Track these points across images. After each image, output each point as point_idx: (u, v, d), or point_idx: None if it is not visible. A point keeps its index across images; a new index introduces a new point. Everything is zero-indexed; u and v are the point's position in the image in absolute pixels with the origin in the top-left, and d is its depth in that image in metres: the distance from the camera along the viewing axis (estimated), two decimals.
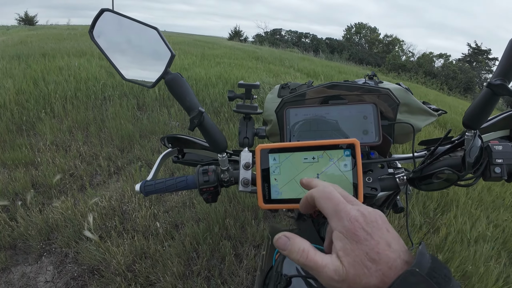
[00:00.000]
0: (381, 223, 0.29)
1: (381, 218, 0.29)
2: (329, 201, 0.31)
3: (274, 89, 0.97)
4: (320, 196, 0.32)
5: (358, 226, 0.28)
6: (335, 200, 0.30)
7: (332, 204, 0.30)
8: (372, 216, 0.29)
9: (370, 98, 0.67)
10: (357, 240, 0.28)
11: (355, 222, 0.28)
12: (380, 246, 0.27)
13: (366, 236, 0.27)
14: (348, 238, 0.28)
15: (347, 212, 0.29)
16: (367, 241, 0.27)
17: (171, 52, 0.53)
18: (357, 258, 0.27)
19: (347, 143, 0.46)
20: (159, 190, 0.63)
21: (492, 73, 0.51)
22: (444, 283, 0.25)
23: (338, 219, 0.29)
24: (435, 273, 0.25)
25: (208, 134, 0.57)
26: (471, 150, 0.55)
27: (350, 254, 0.28)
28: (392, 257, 0.27)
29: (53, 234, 1.96)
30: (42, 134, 3.09)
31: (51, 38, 9.37)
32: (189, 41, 13.27)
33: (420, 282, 0.25)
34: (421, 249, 0.27)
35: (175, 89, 0.53)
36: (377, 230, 0.28)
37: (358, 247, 0.27)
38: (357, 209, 0.29)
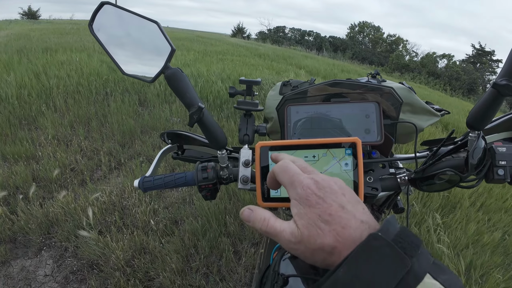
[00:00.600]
0: (337, 188, 0.30)
1: (336, 184, 0.30)
2: (285, 173, 0.32)
3: (275, 86, 0.96)
4: (278, 170, 0.34)
5: (310, 192, 0.29)
6: (290, 171, 0.32)
7: (288, 176, 0.32)
8: (326, 182, 0.30)
9: (373, 97, 0.66)
10: (309, 205, 0.29)
11: (307, 189, 0.30)
12: (332, 208, 0.28)
13: (318, 200, 0.29)
14: (302, 204, 0.30)
15: (300, 181, 0.31)
16: (319, 205, 0.29)
17: (171, 46, 0.53)
18: (310, 221, 0.29)
19: (348, 141, 0.45)
20: (157, 187, 0.62)
21: (497, 74, 0.50)
22: (410, 249, 0.25)
23: (293, 188, 0.31)
24: (401, 239, 0.26)
25: (207, 131, 0.56)
26: (474, 151, 0.54)
27: (304, 217, 0.29)
28: (345, 217, 0.28)
29: (53, 228, 1.97)
30: (43, 128, 3.09)
31: (53, 33, 9.36)
32: (191, 37, 13.23)
33: (383, 246, 0.25)
34: (390, 218, 0.28)
35: (175, 84, 0.53)
36: (330, 194, 0.29)
37: (311, 210, 0.29)
38: (310, 177, 0.31)
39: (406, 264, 0.25)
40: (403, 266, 0.25)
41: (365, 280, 0.25)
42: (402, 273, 0.25)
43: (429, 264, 0.26)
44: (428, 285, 0.25)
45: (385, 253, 0.25)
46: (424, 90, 13.60)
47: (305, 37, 40.07)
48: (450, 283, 0.26)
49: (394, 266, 0.25)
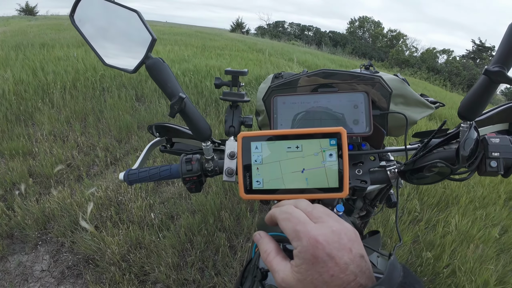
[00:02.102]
0: (346, 241, 0.28)
1: (346, 235, 0.28)
2: (289, 221, 0.30)
3: (267, 79, 0.95)
4: (280, 217, 0.32)
5: (316, 247, 0.27)
6: (294, 220, 0.30)
7: (292, 225, 0.30)
8: (336, 236, 0.28)
9: (361, 87, 0.64)
10: (313, 262, 0.27)
11: (314, 243, 0.27)
12: (336, 269, 0.26)
13: (324, 258, 0.27)
14: (306, 259, 0.27)
15: (306, 232, 0.28)
16: (324, 263, 0.26)
17: (152, 36, 0.51)
18: (309, 278, 0.27)
19: (333, 131, 0.44)
20: (142, 179, 0.61)
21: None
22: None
23: (297, 240, 0.28)
24: (405, 285, 0.25)
25: (190, 122, 0.55)
26: (465, 142, 0.52)
27: (303, 274, 0.27)
28: (346, 280, 0.26)
29: (50, 223, 1.97)
30: (40, 124, 3.08)
31: (50, 29, 9.31)
32: (190, 32, 13.15)
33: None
34: (393, 261, 0.27)
35: (156, 74, 0.51)
36: (338, 251, 0.27)
37: (313, 268, 0.27)
38: (318, 229, 0.28)
39: None
40: None
41: None
42: None
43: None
44: None
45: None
46: (424, 85, 13.56)
47: (305, 32, 39.84)
48: None
49: None
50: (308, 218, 0.30)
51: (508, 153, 0.52)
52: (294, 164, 0.45)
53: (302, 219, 0.30)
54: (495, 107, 0.68)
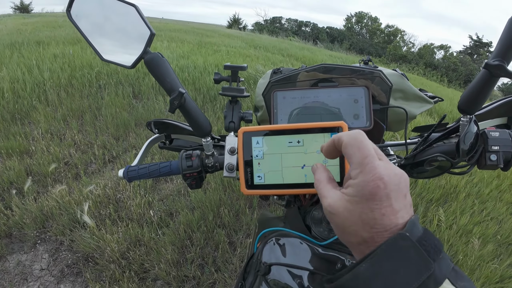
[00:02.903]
0: (403, 187, 0.28)
1: (404, 181, 0.28)
2: (358, 150, 0.29)
3: (266, 74, 0.94)
4: (349, 142, 0.30)
5: (378, 185, 0.27)
6: (365, 151, 0.29)
7: (360, 155, 0.29)
8: (397, 178, 0.28)
9: (362, 81, 0.64)
10: (369, 198, 0.27)
11: (378, 180, 0.27)
12: (388, 209, 0.27)
13: (382, 197, 0.27)
14: (363, 192, 0.27)
15: (374, 168, 0.28)
16: (380, 202, 0.27)
17: (150, 30, 0.51)
18: (359, 210, 0.27)
19: (333, 126, 0.44)
20: (142, 176, 0.61)
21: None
22: (433, 253, 0.25)
23: (361, 171, 0.28)
24: (425, 242, 0.25)
25: (190, 117, 0.54)
26: (465, 136, 0.52)
27: (353, 204, 0.28)
28: (394, 222, 0.27)
29: (48, 222, 1.96)
30: (36, 122, 3.05)
31: (46, 26, 9.20)
32: (187, 28, 13.07)
33: (409, 247, 0.25)
34: (414, 219, 0.27)
35: (155, 69, 0.51)
36: (395, 193, 0.27)
37: (367, 203, 0.27)
38: (384, 167, 0.28)
39: (429, 268, 0.25)
40: (426, 270, 0.25)
41: (387, 278, 0.25)
42: (424, 276, 0.25)
43: (448, 269, 0.26)
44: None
45: (410, 254, 0.25)
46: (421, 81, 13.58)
47: (302, 28, 39.71)
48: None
49: (417, 268, 0.25)
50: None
51: (508, 147, 0.53)
52: (295, 158, 0.45)
53: (372, 153, 0.29)
54: (494, 101, 0.68)
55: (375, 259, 0.26)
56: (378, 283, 0.25)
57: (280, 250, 0.44)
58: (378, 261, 0.25)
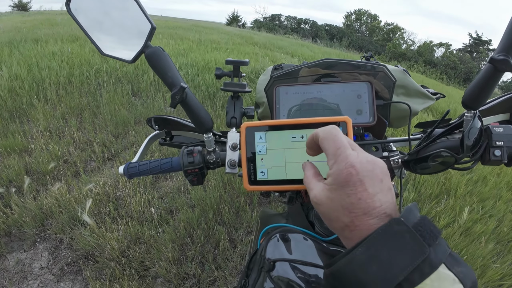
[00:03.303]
0: (378, 173, 0.30)
1: (379, 168, 0.30)
2: (332, 142, 0.31)
3: (267, 70, 0.93)
4: (324, 136, 0.33)
5: (351, 172, 0.29)
6: (338, 143, 0.31)
7: (334, 146, 0.31)
8: (370, 165, 0.29)
9: (365, 77, 0.64)
10: (344, 184, 0.29)
11: (350, 167, 0.29)
12: (364, 193, 0.28)
13: (356, 182, 0.28)
14: (338, 180, 0.29)
15: (346, 156, 0.30)
16: (354, 187, 0.28)
17: (151, 24, 0.50)
18: (338, 197, 0.29)
19: (338, 121, 0.43)
20: (143, 172, 0.60)
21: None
22: (429, 238, 0.26)
23: (335, 161, 0.30)
24: (421, 227, 0.26)
25: (191, 112, 0.53)
26: (470, 132, 0.52)
27: (333, 192, 0.30)
28: (371, 205, 0.28)
29: (48, 220, 1.95)
30: (35, 120, 3.04)
31: (44, 24, 9.16)
32: (186, 26, 13.02)
33: (404, 231, 0.26)
34: (411, 206, 0.28)
35: (156, 63, 0.50)
36: (370, 179, 0.29)
37: (343, 190, 0.29)
38: (356, 156, 0.30)
39: (423, 252, 0.25)
40: (421, 254, 0.25)
41: (382, 262, 0.26)
42: (419, 260, 0.25)
43: (445, 255, 0.26)
44: (442, 275, 0.25)
45: (405, 239, 0.26)
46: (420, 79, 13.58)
47: (301, 25, 39.63)
48: (463, 275, 0.26)
49: (412, 252, 0.25)
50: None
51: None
52: (298, 154, 0.44)
53: (345, 144, 0.31)
54: (497, 97, 0.67)
55: (370, 244, 0.26)
56: (373, 267, 0.26)
57: (285, 246, 0.43)
58: (373, 245, 0.26)
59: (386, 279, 0.25)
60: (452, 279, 0.25)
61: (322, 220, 0.51)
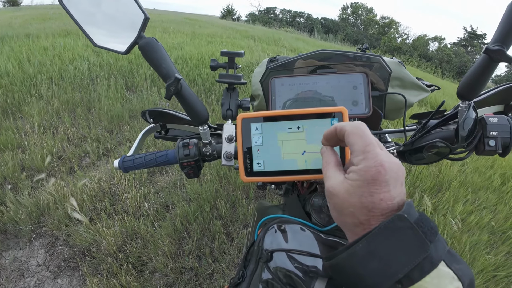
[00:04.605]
0: (401, 175, 0.29)
1: (402, 171, 0.30)
2: (361, 138, 0.30)
3: (262, 62, 0.93)
4: (352, 131, 0.32)
5: (380, 171, 0.28)
6: (367, 139, 0.30)
7: (362, 143, 0.30)
8: (395, 166, 0.29)
9: (360, 68, 0.63)
10: (370, 182, 0.28)
11: (379, 166, 0.28)
12: (386, 195, 0.28)
13: (382, 183, 0.28)
14: (364, 177, 0.28)
15: (375, 155, 0.29)
16: (380, 187, 0.28)
17: (144, 14, 0.49)
18: (359, 193, 0.28)
19: (334, 111, 0.43)
20: (138, 166, 0.60)
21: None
22: (430, 234, 0.26)
23: (364, 158, 0.29)
24: (422, 224, 0.26)
25: (186, 104, 0.53)
26: (464, 122, 0.52)
27: (354, 188, 0.29)
28: (390, 207, 0.28)
29: (43, 217, 1.94)
30: (28, 117, 3.00)
31: (36, 19, 9.01)
32: (179, 19, 12.87)
33: (407, 228, 0.26)
34: (410, 202, 0.28)
35: (150, 54, 0.49)
36: (394, 181, 0.28)
37: (367, 187, 0.28)
38: (385, 155, 0.29)
39: (425, 249, 0.25)
40: (423, 251, 0.25)
41: (382, 258, 0.25)
42: (420, 257, 0.25)
43: (444, 252, 0.26)
44: (441, 272, 0.25)
45: (407, 235, 0.26)
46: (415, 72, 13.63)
47: (297, 19, 39.42)
48: (462, 273, 0.26)
49: (414, 249, 0.25)
50: None
51: (506, 132, 0.53)
52: (295, 145, 0.44)
53: (374, 141, 0.30)
54: (491, 88, 0.68)
55: (371, 239, 0.26)
56: (374, 263, 0.26)
57: (282, 237, 0.43)
58: (374, 240, 0.26)
59: (385, 275, 0.25)
60: (452, 276, 0.25)
61: (319, 211, 0.51)
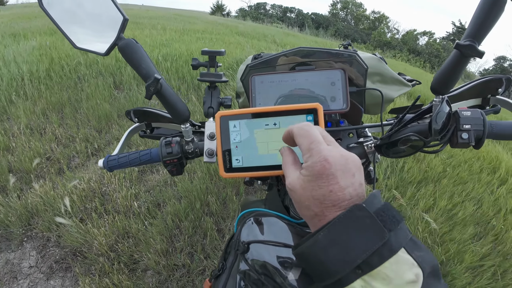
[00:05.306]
0: (351, 167, 0.30)
1: (352, 162, 0.31)
2: (305, 138, 0.33)
3: (247, 59, 0.94)
4: (298, 133, 0.34)
5: (324, 166, 0.30)
6: (310, 137, 0.32)
7: (308, 141, 0.32)
8: (343, 159, 0.30)
9: (339, 65, 0.65)
10: (317, 176, 0.30)
11: (323, 161, 0.30)
12: (335, 186, 0.29)
13: (329, 176, 0.29)
14: (312, 172, 0.30)
15: (319, 151, 0.31)
16: (327, 180, 0.29)
17: (123, 16, 0.50)
18: (310, 187, 0.30)
19: (309, 107, 0.44)
20: (123, 165, 0.61)
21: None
22: (390, 223, 0.27)
23: (310, 155, 0.31)
24: (383, 213, 0.28)
25: (167, 103, 0.54)
26: (437, 116, 0.53)
27: (306, 183, 0.31)
28: (341, 198, 0.29)
29: (34, 219, 1.93)
30: (15, 118, 2.95)
31: (22, 17, 8.81)
32: (168, 15, 12.74)
33: (365, 217, 0.27)
34: (375, 193, 0.29)
35: (129, 55, 0.50)
36: (342, 173, 0.30)
37: (316, 181, 0.30)
38: (329, 150, 0.31)
39: (383, 236, 0.27)
40: (380, 238, 0.27)
41: (342, 245, 0.27)
42: (378, 244, 0.26)
43: (406, 239, 0.28)
44: (401, 258, 0.27)
45: (365, 224, 0.27)
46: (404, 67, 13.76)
47: (287, 14, 39.32)
48: (422, 259, 0.27)
49: (372, 236, 0.27)
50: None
51: (479, 125, 0.54)
52: (272, 141, 0.45)
53: (318, 139, 0.32)
54: (467, 83, 0.70)
55: (332, 228, 0.28)
56: (334, 250, 0.27)
57: (258, 229, 0.45)
58: (334, 229, 0.28)
59: (345, 261, 0.26)
60: (411, 263, 0.27)
61: None
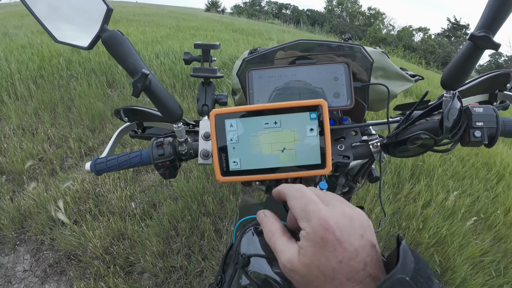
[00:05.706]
0: (357, 227, 0.26)
1: (359, 220, 0.26)
2: (299, 199, 0.28)
3: (243, 55, 0.90)
4: (290, 194, 0.29)
5: (327, 229, 0.25)
6: (305, 199, 0.28)
7: (302, 202, 0.28)
8: (347, 219, 0.26)
9: (342, 58, 0.61)
10: (321, 245, 0.25)
11: (324, 224, 0.25)
12: (345, 255, 0.24)
13: (334, 242, 0.25)
14: (314, 241, 0.25)
15: (317, 212, 0.26)
16: (333, 247, 0.25)
17: (107, 5, 0.45)
18: (315, 262, 0.25)
19: (312, 104, 0.41)
20: (111, 168, 0.56)
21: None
22: (426, 286, 0.22)
23: (306, 220, 0.26)
24: (420, 277, 0.23)
25: (157, 101, 0.49)
26: (449, 112, 0.50)
27: (309, 257, 0.25)
28: (354, 268, 0.24)
29: (27, 222, 1.88)
30: (7, 118, 2.88)
31: (13, 16, 8.68)
32: (162, 12, 12.59)
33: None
34: (404, 246, 0.24)
35: (114, 48, 0.46)
36: (348, 236, 0.25)
37: (320, 252, 0.25)
38: (329, 210, 0.26)
39: None
40: None
41: None
42: None
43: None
44: None
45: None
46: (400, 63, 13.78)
47: (282, 11, 39.21)
48: None
49: None
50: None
51: (492, 122, 0.51)
52: (273, 141, 0.42)
53: (314, 199, 0.28)
54: (475, 78, 0.67)
55: None
56: None
57: (259, 241, 0.41)
58: None
59: None
60: None
61: None
